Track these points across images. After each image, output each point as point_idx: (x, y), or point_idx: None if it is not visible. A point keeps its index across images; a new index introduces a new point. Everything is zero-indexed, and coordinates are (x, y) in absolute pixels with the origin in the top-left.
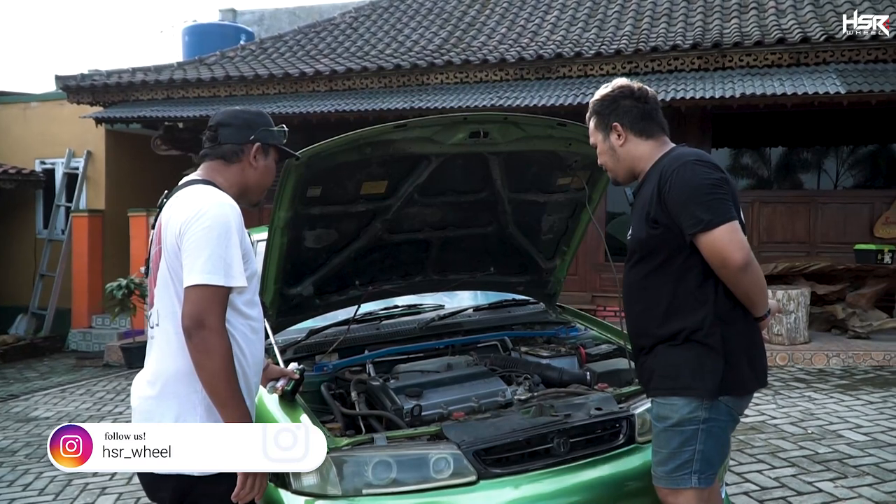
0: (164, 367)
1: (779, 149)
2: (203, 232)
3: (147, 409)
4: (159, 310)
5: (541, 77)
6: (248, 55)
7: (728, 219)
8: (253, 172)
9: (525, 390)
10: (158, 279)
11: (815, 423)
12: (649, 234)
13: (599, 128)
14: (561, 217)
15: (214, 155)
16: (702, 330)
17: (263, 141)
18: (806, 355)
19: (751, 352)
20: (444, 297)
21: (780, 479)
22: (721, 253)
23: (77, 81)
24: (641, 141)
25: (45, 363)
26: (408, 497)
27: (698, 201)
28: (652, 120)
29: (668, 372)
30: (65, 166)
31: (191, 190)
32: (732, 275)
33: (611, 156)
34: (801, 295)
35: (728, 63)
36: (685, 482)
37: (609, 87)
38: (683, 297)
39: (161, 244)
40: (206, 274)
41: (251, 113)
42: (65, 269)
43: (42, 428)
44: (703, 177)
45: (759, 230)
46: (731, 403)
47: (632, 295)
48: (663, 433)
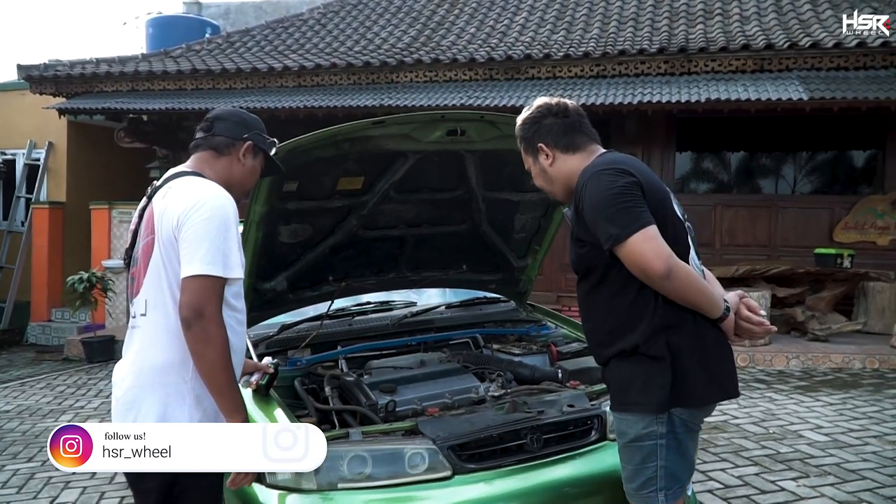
0: (151, 357)
1: (739, 153)
2: (203, 223)
3: (132, 400)
4: (147, 300)
5: (510, 77)
6: (214, 49)
7: (638, 227)
8: (240, 169)
9: (498, 387)
10: (150, 269)
11: (777, 424)
12: (577, 254)
13: (528, 152)
14: (534, 216)
15: (206, 145)
16: (645, 343)
17: (255, 142)
18: (766, 357)
19: (706, 359)
20: (416, 295)
21: (743, 478)
22: (638, 264)
23: (40, 71)
24: (569, 156)
25: (4, 356)
26: (383, 492)
27: (604, 214)
28: (576, 132)
29: (620, 387)
30: (26, 157)
31: (186, 181)
32: (657, 284)
33: (544, 177)
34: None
35: (694, 68)
36: (653, 500)
37: (529, 110)
38: (624, 312)
39: (154, 234)
40: (206, 265)
41: (249, 115)
42: (24, 261)
43: (2, 421)
44: (606, 187)
45: (721, 233)
46: (686, 416)
47: (582, 312)
48: (625, 449)
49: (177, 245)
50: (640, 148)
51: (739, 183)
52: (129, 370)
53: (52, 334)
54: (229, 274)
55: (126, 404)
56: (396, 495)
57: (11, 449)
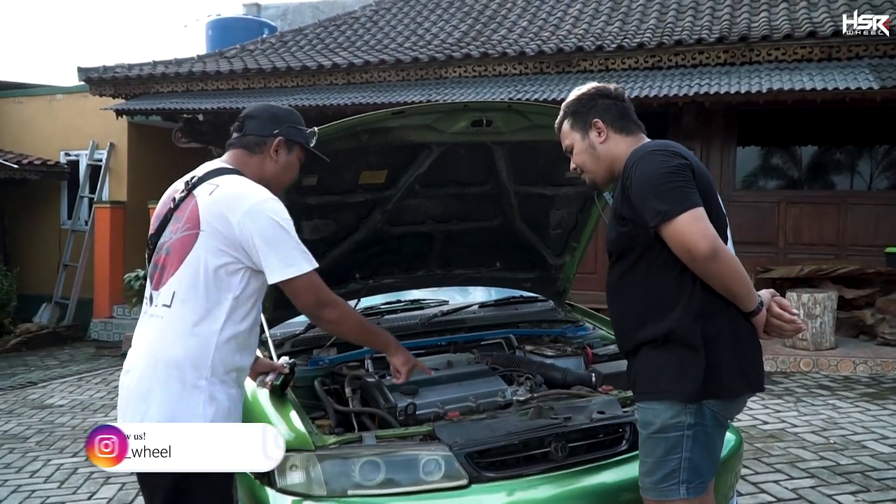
0: (171, 351)
1: (806, 147)
2: (273, 229)
3: (146, 390)
4: (177, 292)
5: (560, 71)
6: (267, 48)
7: (688, 206)
8: (272, 166)
9: (526, 391)
10: (187, 263)
11: (838, 433)
12: (619, 233)
13: (576, 127)
14: (570, 211)
15: (239, 144)
16: (680, 329)
17: (287, 136)
18: (831, 361)
19: (739, 351)
20: (450, 293)
21: (797, 491)
22: (684, 244)
23: (99, 74)
24: (621, 138)
25: (67, 351)
26: (396, 499)
27: (655, 192)
28: (629, 119)
29: (650, 376)
30: (88, 158)
31: (234, 181)
32: (701, 266)
33: (590, 155)
34: (827, 299)
35: (756, 57)
36: (673, 493)
37: (584, 88)
38: (659, 296)
39: (199, 230)
40: (298, 265)
41: (280, 109)
42: (87, 259)
43: (55, 416)
44: (659, 166)
45: (786, 231)
46: (717, 408)
47: (611, 297)
48: (648, 441)
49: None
50: (698, 142)
51: (806, 178)
52: (145, 360)
53: (112, 330)
54: (314, 264)
55: (139, 395)
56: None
57: (59, 443)
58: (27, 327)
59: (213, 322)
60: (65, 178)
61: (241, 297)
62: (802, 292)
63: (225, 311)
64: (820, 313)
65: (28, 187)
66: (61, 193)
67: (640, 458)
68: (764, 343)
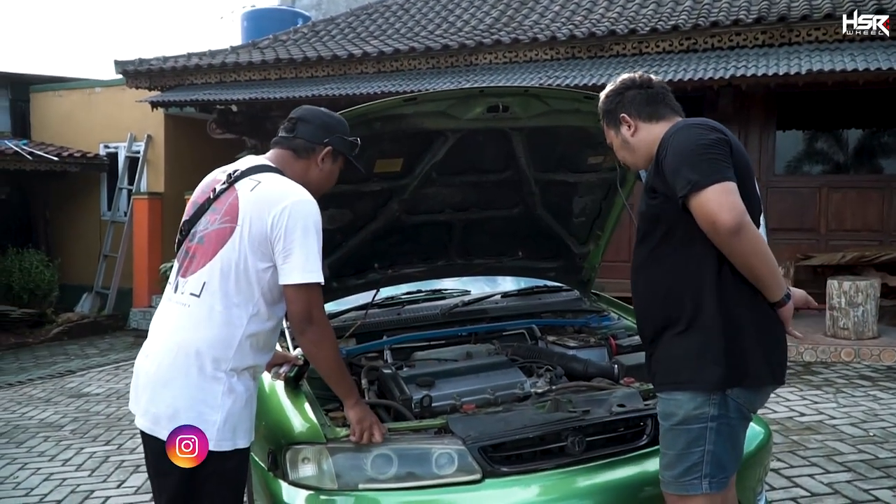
0: (196, 341)
1: (850, 131)
2: (302, 232)
3: (169, 379)
4: (207, 283)
5: (593, 56)
6: (300, 38)
7: (719, 179)
8: (317, 173)
9: (545, 383)
10: (221, 255)
11: (879, 426)
12: (648, 206)
13: (610, 125)
14: (594, 199)
15: (287, 145)
16: (704, 313)
17: (336, 147)
18: (874, 351)
19: (763, 339)
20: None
21: (833, 485)
22: (710, 215)
23: (135, 66)
24: (652, 125)
25: (107, 340)
26: (408, 493)
27: (688, 162)
28: (660, 103)
29: (672, 364)
30: (127, 150)
31: (277, 180)
32: (725, 240)
33: (626, 149)
34: (870, 286)
35: (795, 38)
36: (695, 488)
37: (612, 84)
38: (684, 275)
39: (237, 224)
40: (309, 273)
41: (332, 117)
42: (126, 249)
43: (91, 404)
44: (695, 138)
45: (828, 217)
46: (741, 399)
47: (636, 276)
48: (669, 432)
49: (267, 246)
50: (735, 127)
51: (850, 163)
52: (168, 348)
53: (151, 319)
54: (322, 280)
55: (158, 383)
56: (422, 498)
57: (93, 431)
58: (68, 317)
59: (241, 317)
60: (104, 170)
61: (270, 296)
62: (844, 280)
63: (253, 308)
64: (862, 301)
65: (69, 179)
66: (101, 185)
67: (661, 450)
68: (804, 332)
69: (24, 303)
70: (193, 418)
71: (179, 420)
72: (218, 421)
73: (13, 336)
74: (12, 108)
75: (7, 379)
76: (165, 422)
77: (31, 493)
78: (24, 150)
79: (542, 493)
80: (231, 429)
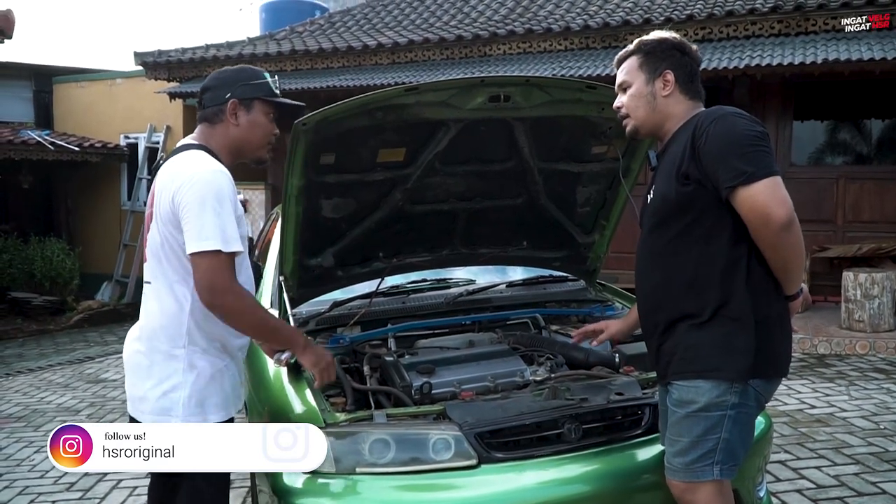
0: (153, 323)
1: (868, 121)
2: (198, 202)
3: (137, 363)
4: (150, 268)
5: (607, 46)
6: (316, 30)
7: (772, 172)
8: (236, 130)
9: (546, 371)
10: (149, 240)
11: (890, 419)
12: (679, 192)
13: (644, 69)
14: (598, 189)
15: (201, 119)
16: (731, 303)
17: (240, 96)
18: (890, 344)
19: (785, 331)
20: (483, 273)
21: (840, 478)
22: (763, 209)
23: (154, 58)
24: (684, 99)
25: (126, 328)
26: (405, 478)
27: (739, 153)
28: (698, 82)
29: (693, 353)
30: (146, 140)
31: (183, 156)
32: (774, 234)
33: (647, 103)
34: (886, 279)
35: (811, 27)
36: (706, 474)
37: (668, 34)
38: (710, 265)
39: (153, 207)
40: (205, 241)
41: (231, 71)
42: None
43: (108, 390)
44: (743, 128)
45: (845, 208)
46: (761, 388)
47: (649, 264)
48: (685, 420)
49: (175, 221)
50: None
51: (869, 154)
52: (136, 336)
53: None
54: (228, 248)
55: (131, 368)
56: (418, 482)
57: (108, 416)
58: (89, 304)
59: (184, 293)
60: (124, 161)
61: None
62: (860, 272)
63: (188, 284)
64: (878, 294)
65: (90, 169)
66: (121, 175)
67: (672, 438)
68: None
69: (46, 290)
70: (158, 397)
71: (148, 401)
72: (182, 397)
73: (35, 323)
74: (35, 98)
75: (28, 364)
76: (138, 403)
77: (45, 475)
78: (46, 140)
79: (537, 479)
80: (198, 404)
